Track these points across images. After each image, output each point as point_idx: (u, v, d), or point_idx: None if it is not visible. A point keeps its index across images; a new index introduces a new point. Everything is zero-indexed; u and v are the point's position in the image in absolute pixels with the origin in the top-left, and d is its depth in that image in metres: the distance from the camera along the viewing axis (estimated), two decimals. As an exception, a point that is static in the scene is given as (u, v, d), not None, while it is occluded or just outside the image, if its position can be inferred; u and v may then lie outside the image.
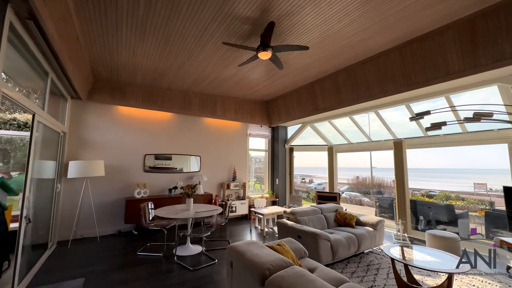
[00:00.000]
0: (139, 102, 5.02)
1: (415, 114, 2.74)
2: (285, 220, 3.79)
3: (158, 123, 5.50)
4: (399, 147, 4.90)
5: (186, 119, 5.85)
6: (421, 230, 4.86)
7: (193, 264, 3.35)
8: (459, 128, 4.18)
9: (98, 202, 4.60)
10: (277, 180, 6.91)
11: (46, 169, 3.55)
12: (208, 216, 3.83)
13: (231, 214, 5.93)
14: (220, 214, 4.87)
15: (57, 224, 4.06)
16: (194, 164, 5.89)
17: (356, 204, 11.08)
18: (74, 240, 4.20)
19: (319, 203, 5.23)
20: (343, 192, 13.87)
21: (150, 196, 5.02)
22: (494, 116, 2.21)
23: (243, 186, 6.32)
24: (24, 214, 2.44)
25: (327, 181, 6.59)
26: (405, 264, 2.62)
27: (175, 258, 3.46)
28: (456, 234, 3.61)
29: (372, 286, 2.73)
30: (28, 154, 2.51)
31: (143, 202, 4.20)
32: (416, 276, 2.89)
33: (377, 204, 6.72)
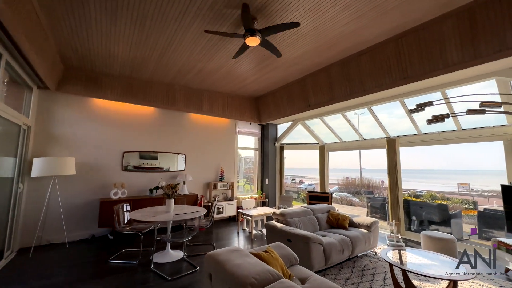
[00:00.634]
0: (117, 94, 4.61)
1: (416, 105, 2.54)
2: (274, 222, 3.51)
3: (139, 118, 5.10)
4: (392, 145, 4.74)
5: (170, 115, 5.47)
6: (414, 231, 4.71)
7: (171, 272, 3.00)
8: (454, 126, 4.06)
9: (68, 203, 4.15)
10: (266, 180, 6.64)
11: (3, 166, 3.11)
12: (191, 219, 3.49)
13: (218, 216, 5.60)
14: (205, 216, 4.53)
15: (17, 229, 3.59)
16: (181, 163, 5.52)
17: (347, 205, 10.99)
18: (38, 247, 3.74)
19: (310, 204, 5.00)
20: (333, 193, 13.82)
21: (129, 197, 4.62)
22: (501, 108, 2.02)
23: (231, 186, 6.00)
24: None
25: (317, 181, 6.39)
26: (403, 270, 2.40)
27: (152, 266, 3.10)
28: (452, 235, 3.45)
29: (368, 294, 2.49)
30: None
31: (121, 203, 3.81)
32: (415, 282, 2.68)
33: (368, 204, 6.58)
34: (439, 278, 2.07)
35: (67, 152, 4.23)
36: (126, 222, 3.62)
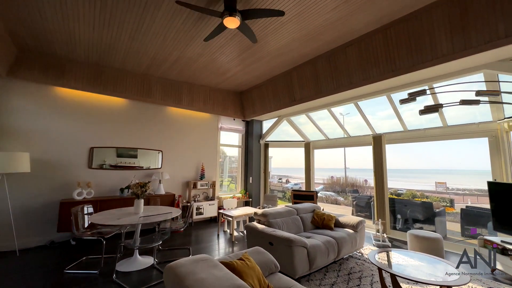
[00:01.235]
0: (83, 83, 4.13)
1: (408, 94, 2.36)
2: (255, 223, 3.23)
3: (110, 110, 4.63)
4: (378, 142, 4.62)
5: (146, 108, 5.04)
6: (399, 230, 4.62)
7: (137, 282, 2.64)
8: (440, 123, 3.98)
9: (21, 205, 3.64)
10: (250, 178, 6.35)
11: None
12: (163, 221, 3.13)
13: (198, 217, 5.24)
14: (183, 217, 4.17)
15: (-46, 236, 3.06)
16: (158, 161, 5.10)
17: (332, 204, 10.96)
18: (-19, 257, 3.21)
19: (295, 203, 4.77)
20: (318, 192, 13.82)
21: (96, 198, 4.16)
22: (498, 97, 1.88)
23: (213, 185, 5.65)
24: None
25: (303, 181, 6.19)
26: (392, 274, 2.20)
27: (114, 275, 2.71)
28: (438, 234, 3.35)
29: (355, 301, 2.28)
30: None
31: (86, 204, 3.37)
32: (403, 285, 2.51)
33: (354, 203, 6.49)
34: (433, 284, 1.88)
35: (20, 146, 3.71)
36: (87, 226, 3.19)
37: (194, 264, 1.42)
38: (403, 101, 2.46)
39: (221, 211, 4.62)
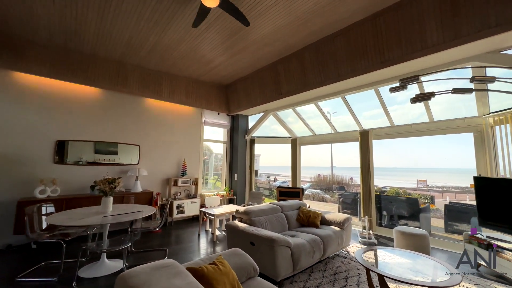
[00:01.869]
0: (47, 69, 3.72)
1: (400, 81, 2.22)
2: (236, 222, 3.01)
3: (81, 100, 4.23)
4: (365, 137, 4.53)
5: (121, 98, 4.66)
6: (384, 226, 4.57)
7: (101, 290, 2.34)
8: (426, 118, 3.94)
9: (-29, 205, 3.20)
10: (235, 175, 6.11)
11: None
12: (134, 221, 2.84)
13: (179, 216, 4.94)
14: (161, 216, 3.87)
15: None
16: (137, 156, 4.75)
17: (319, 201, 10.95)
18: None
19: (281, 200, 4.60)
20: (305, 190, 13.83)
21: (63, 196, 3.77)
22: (494, 84, 1.76)
23: (195, 182, 5.37)
24: None
25: (291, 179, 6.04)
26: (380, 275, 2.06)
27: (74, 283, 2.40)
28: (424, 230, 3.28)
29: (341, 304, 2.12)
30: None
31: (46, 203, 3.00)
32: (391, 285, 2.39)
33: (340, 200, 6.42)
34: (423, 286, 1.74)
35: (-30, 138, 3.26)
36: (45, 227, 2.83)
37: (152, 272, 1.18)
38: (393, 89, 2.32)
39: (202, 209, 4.36)
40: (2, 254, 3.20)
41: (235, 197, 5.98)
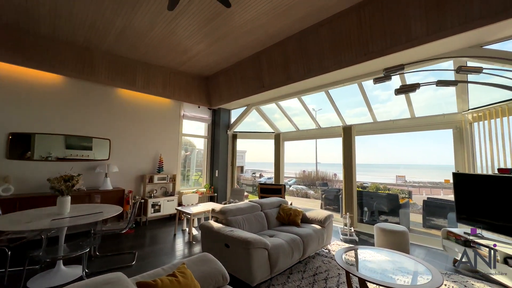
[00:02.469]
0: (-4, 51, 3.25)
1: (384, 70, 2.09)
2: (211, 222, 2.80)
3: (40, 89, 3.78)
4: (348, 133, 4.46)
5: (89, 88, 4.24)
6: (366, 223, 4.56)
7: (52, 303, 2.05)
8: (408, 114, 3.91)
9: None
10: (216, 172, 5.87)
11: None
12: (93, 223, 2.55)
13: (155, 215, 4.65)
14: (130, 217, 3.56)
15: None
16: (107, 151, 4.37)
17: (303, 197, 10.98)
18: None
19: (262, 197, 4.44)
20: (290, 186, 13.86)
21: (17, 195, 3.37)
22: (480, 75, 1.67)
23: (173, 179, 5.07)
24: None
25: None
26: (360, 278, 1.95)
27: (19, 296, 2.09)
28: (403, 227, 3.26)
29: (319, 309, 1.99)
30: None
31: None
32: (371, 285, 2.30)
33: (323, 196, 6.40)
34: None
35: None
36: (-14, 232, 2.46)
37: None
38: (377, 79, 2.19)
39: (179, 208, 4.09)
40: None
41: (216, 194, 5.76)
